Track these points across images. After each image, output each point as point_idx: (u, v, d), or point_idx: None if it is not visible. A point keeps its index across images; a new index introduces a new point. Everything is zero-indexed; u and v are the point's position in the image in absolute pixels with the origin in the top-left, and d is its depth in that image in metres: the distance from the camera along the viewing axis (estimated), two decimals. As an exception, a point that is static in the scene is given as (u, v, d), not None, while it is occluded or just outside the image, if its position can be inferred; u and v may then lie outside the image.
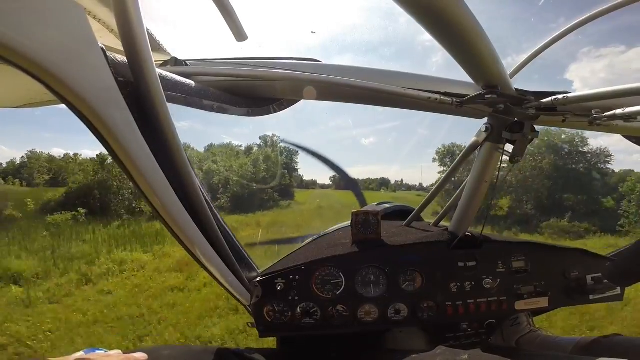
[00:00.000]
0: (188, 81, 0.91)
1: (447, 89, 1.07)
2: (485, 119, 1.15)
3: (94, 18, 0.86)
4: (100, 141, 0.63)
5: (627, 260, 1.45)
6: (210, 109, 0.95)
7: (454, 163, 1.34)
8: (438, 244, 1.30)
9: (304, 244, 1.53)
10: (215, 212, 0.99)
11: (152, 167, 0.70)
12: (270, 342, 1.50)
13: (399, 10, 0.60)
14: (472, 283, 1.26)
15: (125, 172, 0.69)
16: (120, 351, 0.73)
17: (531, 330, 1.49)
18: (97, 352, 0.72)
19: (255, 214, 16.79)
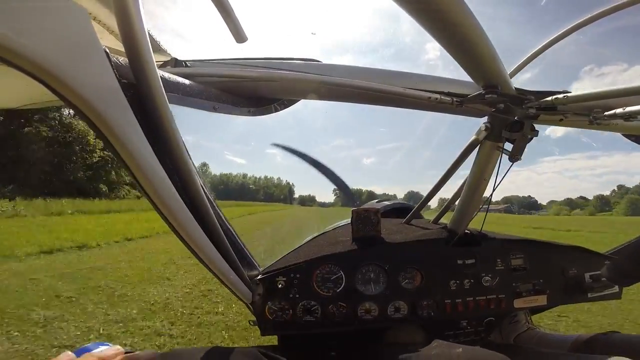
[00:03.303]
0: (189, 82, 0.91)
1: (447, 88, 1.07)
2: (485, 118, 1.16)
3: (95, 19, 0.86)
4: (103, 141, 0.64)
5: (625, 258, 1.45)
6: (212, 109, 0.96)
7: (454, 161, 1.34)
8: (437, 241, 1.30)
9: (304, 241, 1.54)
10: (218, 210, 1.00)
11: (155, 167, 0.71)
12: (271, 339, 1.52)
13: (400, 10, 0.60)
14: (471, 281, 1.27)
15: (128, 172, 0.70)
16: (120, 347, 0.72)
17: (529, 327, 1.50)
18: (101, 347, 0.72)
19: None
